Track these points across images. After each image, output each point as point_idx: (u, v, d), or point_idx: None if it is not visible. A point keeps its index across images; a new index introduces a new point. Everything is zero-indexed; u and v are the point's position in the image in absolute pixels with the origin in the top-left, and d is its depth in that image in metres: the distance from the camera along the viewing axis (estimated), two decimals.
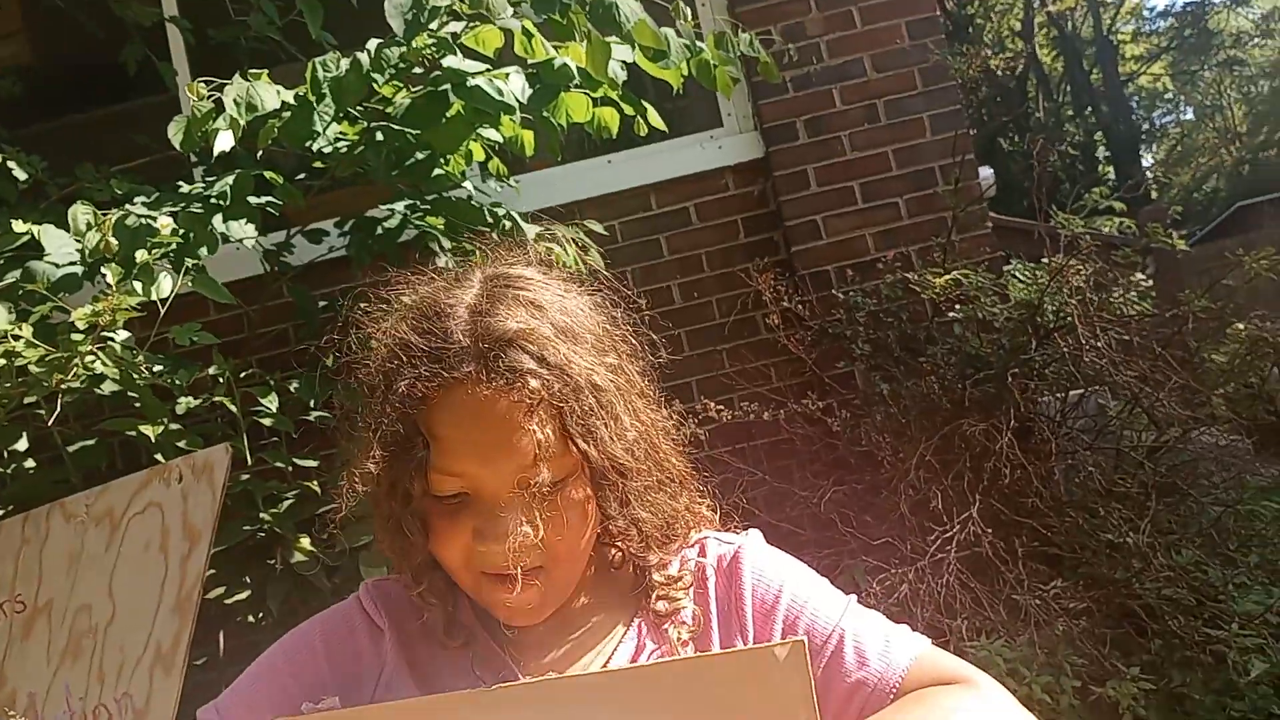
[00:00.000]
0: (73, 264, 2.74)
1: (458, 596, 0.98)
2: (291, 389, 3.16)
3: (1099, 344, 3.05)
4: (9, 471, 2.96)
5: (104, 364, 2.46)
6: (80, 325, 2.39)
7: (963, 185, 3.64)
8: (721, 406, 3.40)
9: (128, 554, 2.49)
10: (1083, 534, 3.01)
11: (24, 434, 2.94)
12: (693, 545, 1.04)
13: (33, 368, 2.40)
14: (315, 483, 3.17)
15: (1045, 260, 3.35)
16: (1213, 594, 2.87)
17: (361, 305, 1.02)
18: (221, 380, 2.82)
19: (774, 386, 3.90)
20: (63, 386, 2.52)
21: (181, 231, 2.66)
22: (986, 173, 5.34)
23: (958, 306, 3.26)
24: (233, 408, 2.74)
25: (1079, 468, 3.22)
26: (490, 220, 3.35)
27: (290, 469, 3.11)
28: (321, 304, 3.59)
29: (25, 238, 2.84)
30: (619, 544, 1.00)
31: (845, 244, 3.93)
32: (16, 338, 2.50)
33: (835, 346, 3.69)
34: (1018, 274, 3.34)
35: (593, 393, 0.90)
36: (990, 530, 2.96)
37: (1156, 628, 2.86)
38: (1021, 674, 2.70)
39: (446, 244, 3.42)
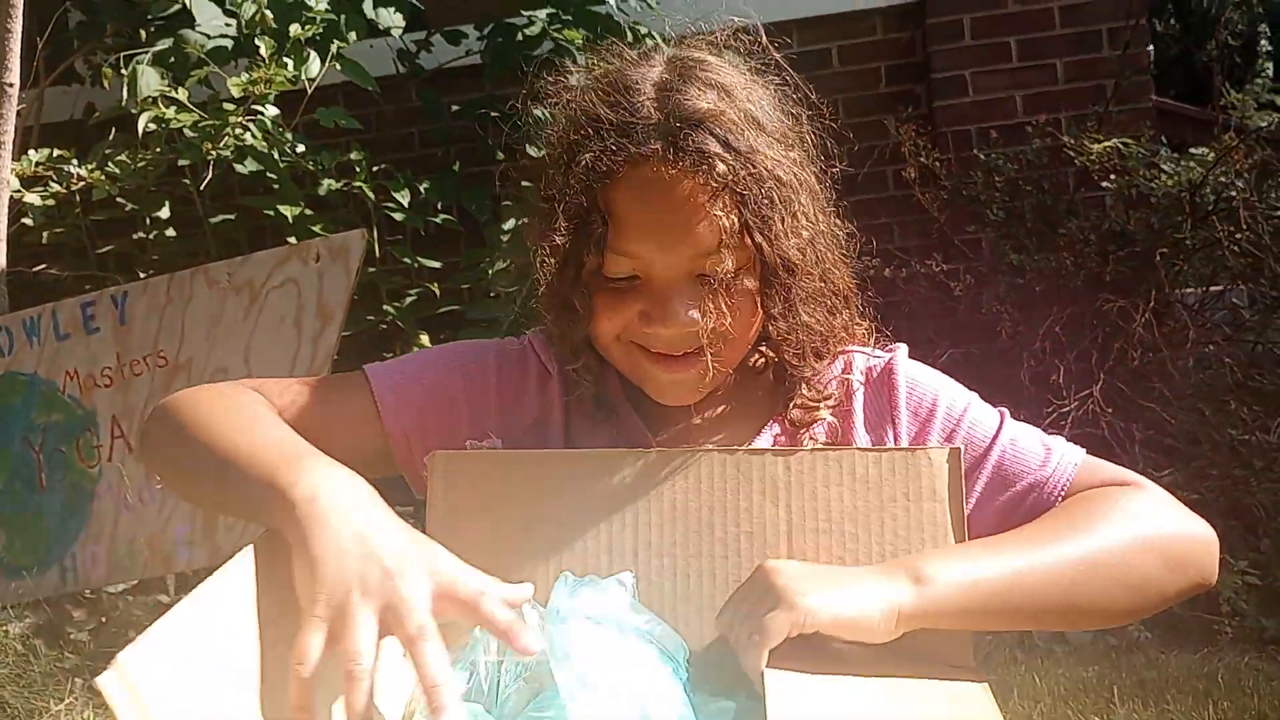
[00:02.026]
0: (224, 35, 2.75)
1: (609, 376, 0.98)
2: (421, 189, 3.17)
3: (1257, 232, 2.90)
4: (151, 237, 3.05)
5: (254, 136, 2.49)
6: (235, 94, 2.41)
7: (1132, 51, 3.41)
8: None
9: (264, 324, 2.57)
10: (1207, 426, 2.93)
11: (166, 202, 3.02)
12: (837, 360, 1.02)
13: (188, 132, 2.44)
14: (436, 284, 3.22)
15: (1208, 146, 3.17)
16: None
17: (545, 75, 0.98)
18: (359, 169, 2.84)
19: (898, 245, 3.80)
20: (211, 155, 2.56)
21: (333, 12, 2.63)
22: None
23: (1112, 177, 3.10)
24: (370, 194, 2.76)
25: (1211, 360, 3.11)
26: (630, 39, 3.26)
27: (415, 265, 3.15)
28: (453, 108, 3.56)
29: (176, 7, 2.85)
30: (767, 349, 0.98)
31: (993, 104, 3.74)
32: (170, 101, 2.53)
33: (968, 210, 3.56)
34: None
35: (775, 185, 0.87)
36: (1110, 410, 2.90)
37: (1269, 527, 2.80)
38: None
39: (582, 61, 3.35)
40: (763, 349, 0.99)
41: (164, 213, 2.99)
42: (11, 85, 2.64)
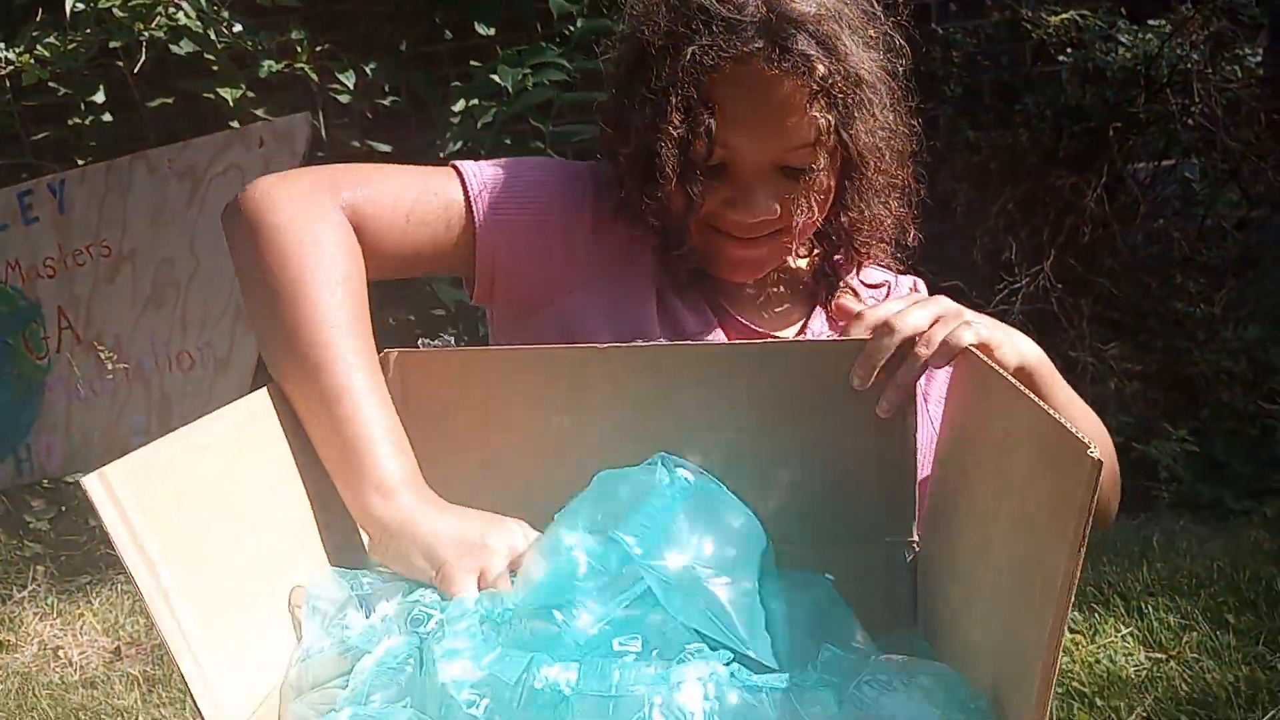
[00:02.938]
0: None
1: (685, 250, 0.98)
2: (368, 70, 3.08)
3: (1210, 106, 2.90)
4: (87, 123, 2.95)
5: (187, 15, 2.39)
6: None
7: None
8: None
9: (209, 212, 2.52)
10: (1153, 300, 2.98)
11: (101, 86, 2.91)
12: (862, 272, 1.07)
13: (117, 11, 2.34)
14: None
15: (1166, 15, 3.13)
16: (1271, 371, 2.87)
17: None
18: (301, 49, 2.75)
19: None
20: (144, 35, 2.46)
21: None
22: None
23: (1069, 51, 3.07)
24: (314, 75, 2.68)
25: (1161, 234, 3.14)
26: None
27: (364, 149, 3.08)
28: None
29: None
30: (823, 242, 1.02)
31: None
32: None
33: (924, 86, 3.53)
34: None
35: (861, 88, 0.91)
36: (1060, 286, 2.94)
37: (1209, 397, 2.89)
38: None
39: None
40: (822, 242, 1.03)
41: (98, 97, 2.88)
42: None
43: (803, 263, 1.07)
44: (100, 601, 2.38)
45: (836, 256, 1.03)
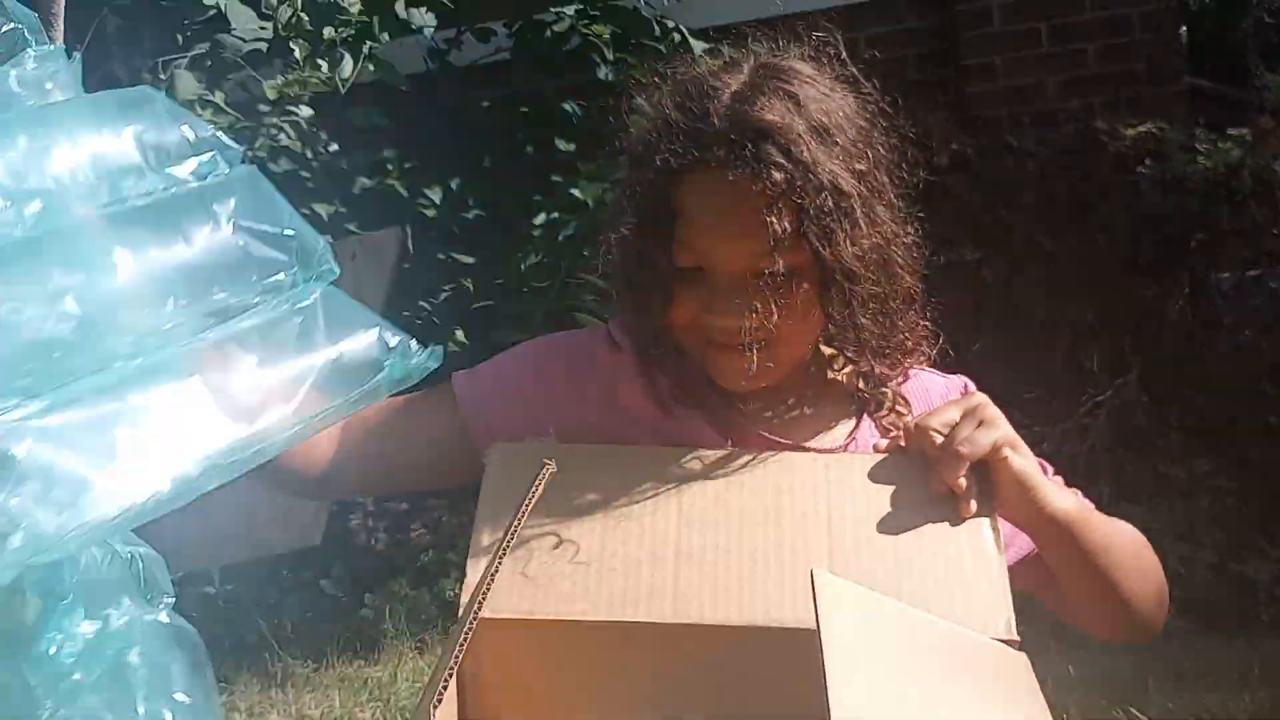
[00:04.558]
0: (259, 39, 2.79)
1: (687, 364, 1.02)
2: (453, 185, 3.21)
3: None
4: None
5: (288, 136, 2.53)
6: (271, 96, 2.45)
7: (1164, 32, 3.38)
8: None
9: None
10: (1243, 413, 2.90)
11: None
12: (911, 379, 1.06)
13: (221, 135, 2.48)
14: (470, 280, 3.25)
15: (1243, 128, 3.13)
16: None
17: (634, 76, 1.05)
18: (391, 166, 2.88)
19: (929, 234, 3.79)
20: (248, 156, 2.60)
21: (365, 13, 2.67)
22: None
23: (1147, 161, 3.07)
24: (403, 191, 2.80)
25: (1249, 345, 3.08)
26: (658, 33, 3.28)
27: (449, 261, 3.18)
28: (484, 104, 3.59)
29: (212, 11, 2.88)
30: (835, 346, 1.03)
31: (1024, 90, 3.72)
32: (207, 104, 2.58)
33: (999, 195, 3.55)
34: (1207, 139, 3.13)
35: (834, 195, 0.92)
36: (1145, 398, 2.88)
37: None
38: (1158, 542, 2.66)
39: (610, 55, 3.37)
40: (835, 345, 1.03)
41: None
42: None
43: (840, 376, 1.06)
44: None
45: (866, 367, 1.01)
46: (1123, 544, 0.98)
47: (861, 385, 1.04)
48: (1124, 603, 0.98)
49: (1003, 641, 0.80)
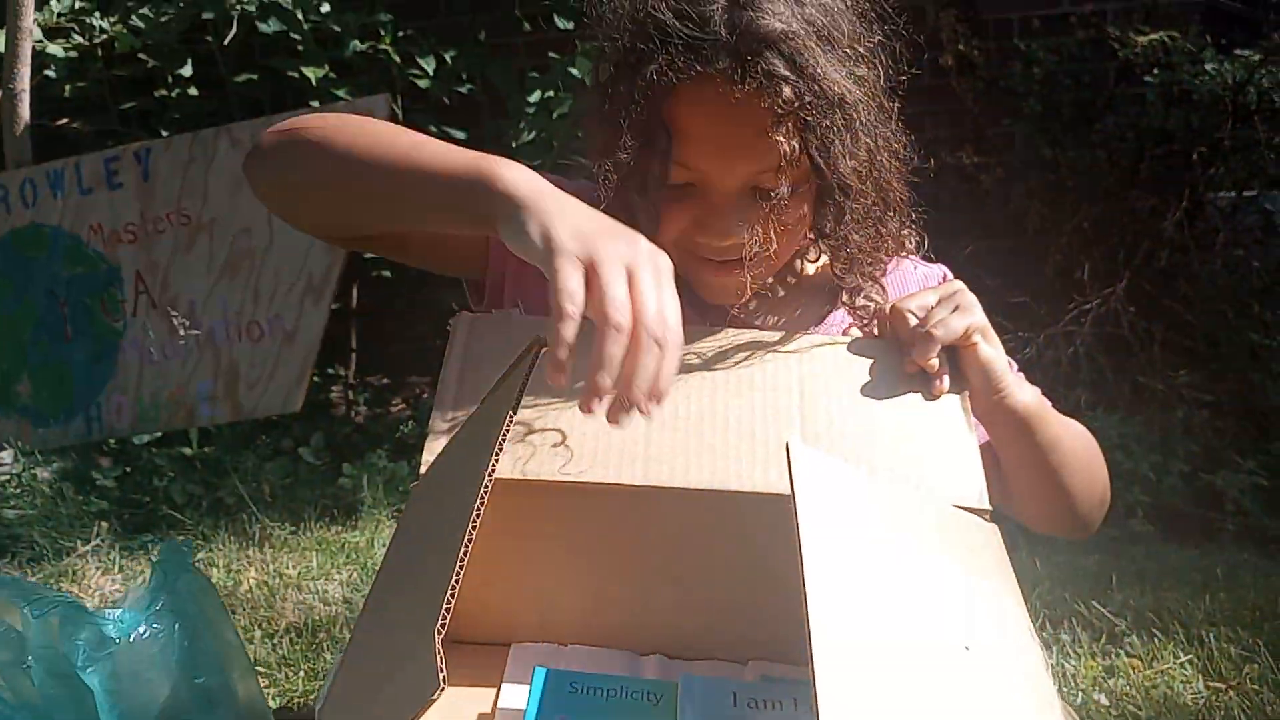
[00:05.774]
0: None
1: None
2: (448, 58, 3.12)
3: None
4: (173, 95, 3.02)
5: None
6: None
7: None
8: None
9: None
10: (1228, 329, 2.91)
11: (189, 59, 2.98)
12: (892, 272, 1.04)
13: None
14: None
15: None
16: None
17: None
18: (384, 32, 2.79)
19: (929, 136, 3.73)
20: (235, 10, 2.52)
21: None
22: None
23: (1155, 72, 3.02)
24: (396, 58, 2.72)
25: (1240, 264, 3.07)
26: None
27: (439, 134, 3.11)
28: None
29: None
30: (813, 258, 1.02)
31: None
32: None
33: (1003, 102, 3.48)
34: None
35: (839, 107, 0.87)
36: (1132, 309, 2.88)
37: None
38: (1131, 449, 2.70)
39: None
40: (810, 258, 1.02)
41: (186, 70, 2.95)
42: None
43: (812, 268, 1.04)
44: None
45: (849, 278, 0.98)
46: (1074, 443, 0.98)
47: (838, 274, 1.00)
48: (1068, 499, 0.98)
49: (974, 511, 0.80)
